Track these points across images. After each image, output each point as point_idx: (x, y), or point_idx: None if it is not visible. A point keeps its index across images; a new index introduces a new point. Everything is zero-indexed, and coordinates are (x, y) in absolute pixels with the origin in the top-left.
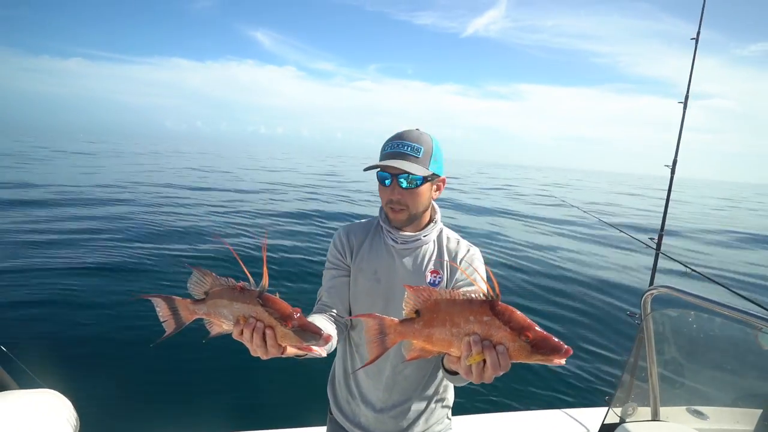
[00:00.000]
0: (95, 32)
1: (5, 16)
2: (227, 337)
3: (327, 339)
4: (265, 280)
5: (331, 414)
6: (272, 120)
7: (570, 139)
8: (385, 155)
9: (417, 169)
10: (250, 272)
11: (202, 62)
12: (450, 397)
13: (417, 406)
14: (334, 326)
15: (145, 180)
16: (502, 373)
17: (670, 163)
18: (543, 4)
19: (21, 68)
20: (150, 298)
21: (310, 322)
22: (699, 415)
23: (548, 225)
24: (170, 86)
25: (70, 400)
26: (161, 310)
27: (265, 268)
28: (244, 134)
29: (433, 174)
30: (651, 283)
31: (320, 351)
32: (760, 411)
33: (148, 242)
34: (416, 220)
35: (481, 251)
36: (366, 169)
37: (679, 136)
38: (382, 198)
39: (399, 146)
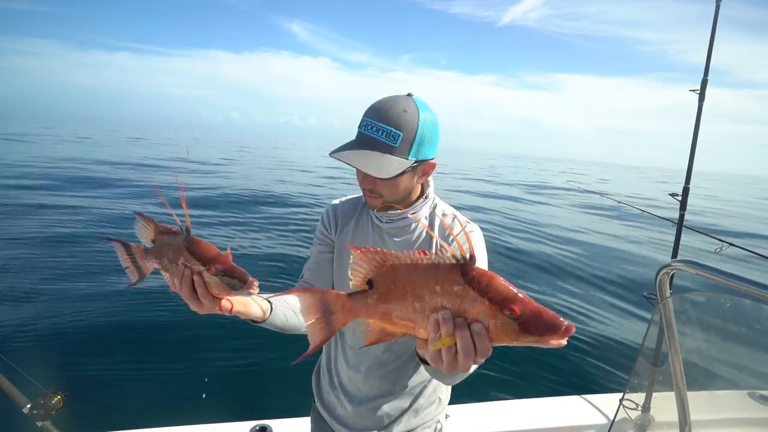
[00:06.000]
0: (140, 26)
1: (62, 13)
2: (218, 329)
3: (251, 284)
4: (188, 220)
5: (314, 404)
6: (306, 111)
7: (612, 132)
8: (356, 137)
9: (386, 165)
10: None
11: (239, 54)
12: (444, 394)
13: (400, 402)
14: None
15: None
16: (481, 360)
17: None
18: None
19: (73, 63)
20: (113, 242)
21: (236, 267)
22: (764, 399)
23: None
24: (208, 78)
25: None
26: (120, 255)
27: (185, 207)
28: (277, 125)
29: (416, 162)
30: (674, 255)
31: (252, 293)
32: None
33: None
34: (397, 203)
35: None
36: (332, 154)
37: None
38: (358, 179)
39: (372, 129)
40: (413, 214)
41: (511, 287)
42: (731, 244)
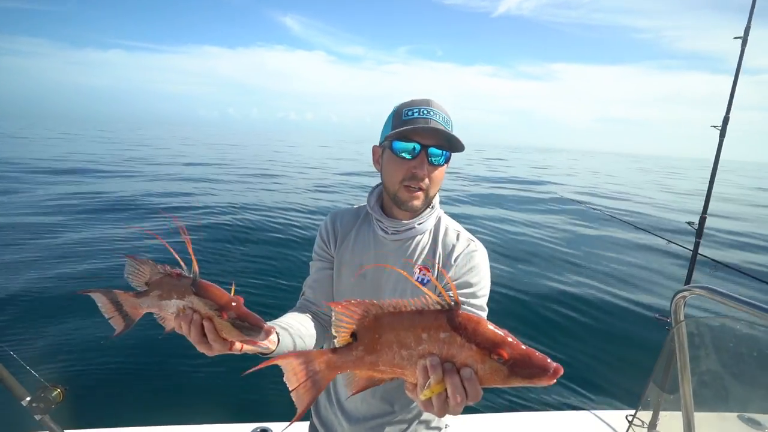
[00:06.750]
0: (132, 23)
1: (54, 11)
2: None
3: (269, 332)
4: (195, 265)
5: (312, 419)
6: (302, 105)
7: (610, 121)
8: (411, 121)
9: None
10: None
11: (233, 49)
12: None
13: (400, 421)
14: (313, 323)
15: None
16: (472, 403)
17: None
18: None
19: (67, 61)
20: (89, 294)
21: (249, 313)
22: (754, 424)
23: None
24: (202, 74)
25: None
26: (103, 305)
27: (191, 251)
28: (273, 120)
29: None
30: (687, 281)
31: (267, 344)
32: None
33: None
34: (426, 204)
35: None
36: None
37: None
38: (396, 174)
39: (431, 114)
40: (420, 224)
41: (498, 331)
42: (715, 261)
